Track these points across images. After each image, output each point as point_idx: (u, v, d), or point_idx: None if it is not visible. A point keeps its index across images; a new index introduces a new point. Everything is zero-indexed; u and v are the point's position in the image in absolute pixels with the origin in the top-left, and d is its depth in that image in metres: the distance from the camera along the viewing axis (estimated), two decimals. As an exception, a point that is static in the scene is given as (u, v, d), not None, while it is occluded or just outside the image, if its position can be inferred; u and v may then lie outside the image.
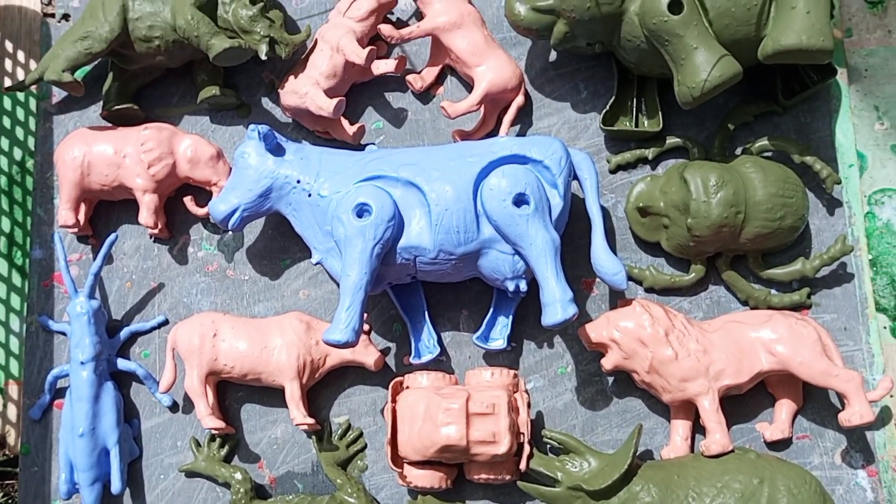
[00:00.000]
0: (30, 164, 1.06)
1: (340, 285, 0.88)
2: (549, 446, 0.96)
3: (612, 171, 1.03)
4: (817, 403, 0.96)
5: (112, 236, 0.97)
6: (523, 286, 0.92)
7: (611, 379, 0.98)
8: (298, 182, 0.94)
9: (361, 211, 0.89)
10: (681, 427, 0.95)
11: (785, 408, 0.95)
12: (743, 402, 0.96)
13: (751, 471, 0.87)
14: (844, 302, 0.99)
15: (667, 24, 0.89)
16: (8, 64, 1.10)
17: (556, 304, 0.86)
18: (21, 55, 1.10)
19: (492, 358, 0.99)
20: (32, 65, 1.10)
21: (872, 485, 0.94)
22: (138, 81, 1.05)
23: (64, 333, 1.00)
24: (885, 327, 1.01)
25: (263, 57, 0.96)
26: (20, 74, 1.10)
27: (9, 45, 1.10)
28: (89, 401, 0.92)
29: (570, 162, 0.93)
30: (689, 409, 0.94)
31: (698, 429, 0.95)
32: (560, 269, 0.88)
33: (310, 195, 0.93)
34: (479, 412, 0.88)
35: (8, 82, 1.09)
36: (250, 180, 0.94)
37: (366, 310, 0.89)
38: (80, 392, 0.93)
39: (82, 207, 1.00)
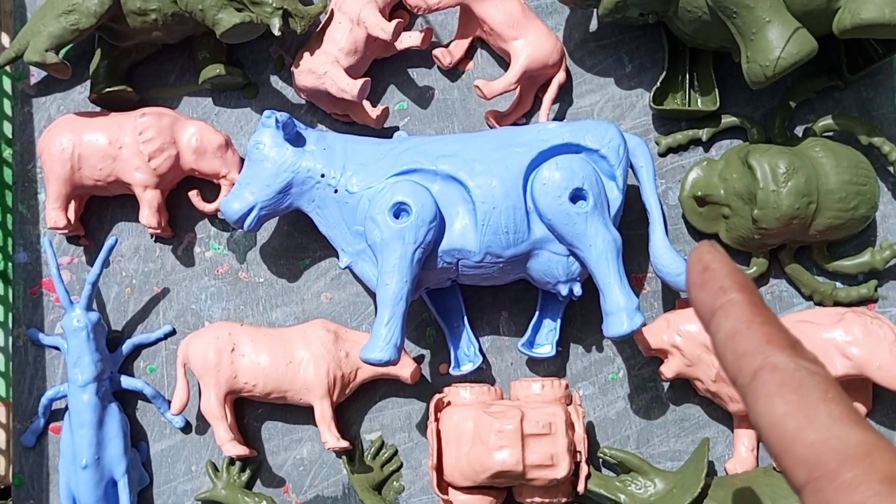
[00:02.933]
0: (7, 153, 0.94)
1: (378, 295, 0.78)
2: (601, 461, 0.88)
3: (662, 154, 0.94)
4: (886, 405, 0.89)
5: (111, 240, 0.85)
6: (578, 290, 0.83)
7: (666, 384, 0.90)
8: (322, 176, 0.83)
9: (399, 211, 0.79)
10: (746, 438, 0.87)
11: (854, 412, 0.88)
12: (809, 407, 0.88)
13: (830, 488, 0.80)
14: (913, 295, 0.92)
15: (737, -6, 0.80)
16: (-25, 39, 0.97)
17: (622, 313, 0.77)
18: (-10, 28, 0.97)
19: (536, 364, 0.90)
20: (5, 40, 0.97)
21: (949, 493, 0.87)
22: (130, 59, 0.92)
23: (57, 348, 0.88)
24: (954, 321, 0.94)
25: (277, 32, 0.84)
26: (-10, 51, 0.96)
27: (-25, 17, 0.97)
28: (92, 427, 0.82)
29: (627, 150, 0.83)
30: (755, 418, 0.87)
31: (763, 437, 0.87)
32: (623, 272, 0.79)
33: (336, 191, 0.83)
34: (535, 433, 0.79)
35: (-24, 60, 0.96)
36: (267, 174, 0.83)
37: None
38: (82, 418, 0.82)
39: (72, 205, 0.88)
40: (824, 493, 0.39)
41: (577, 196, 0.79)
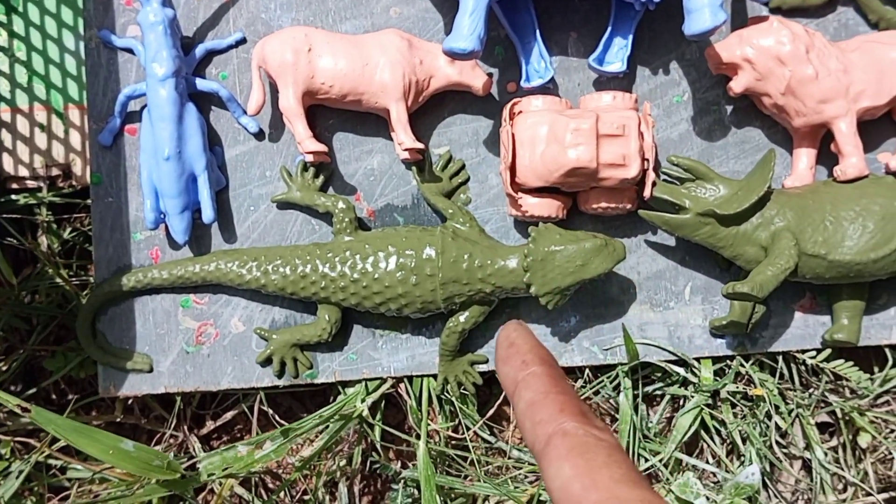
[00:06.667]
0: None
1: (461, -14, 0.78)
2: (662, 178, 0.91)
3: None
4: (942, 134, 0.92)
5: (186, -68, 0.84)
6: (657, -4, 0.83)
7: (729, 108, 0.92)
8: None
9: None
10: (805, 156, 0.89)
11: (911, 137, 0.91)
12: (864, 131, 0.90)
13: (890, 193, 0.83)
14: (978, 27, 0.92)
15: None
16: None
17: (705, 8, 0.77)
18: None
19: (603, 85, 0.91)
20: None
21: None
22: None
23: (130, 51, 0.89)
24: None
25: None
26: None
27: None
28: (173, 121, 0.83)
29: None
30: (816, 137, 0.89)
31: (820, 159, 0.90)
32: (708, -31, 0.79)
33: None
34: (609, 133, 0.81)
35: None
36: None
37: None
38: (162, 111, 0.83)
39: None
40: None
41: None
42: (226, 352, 0.90)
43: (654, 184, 0.85)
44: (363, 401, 0.88)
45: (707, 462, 0.92)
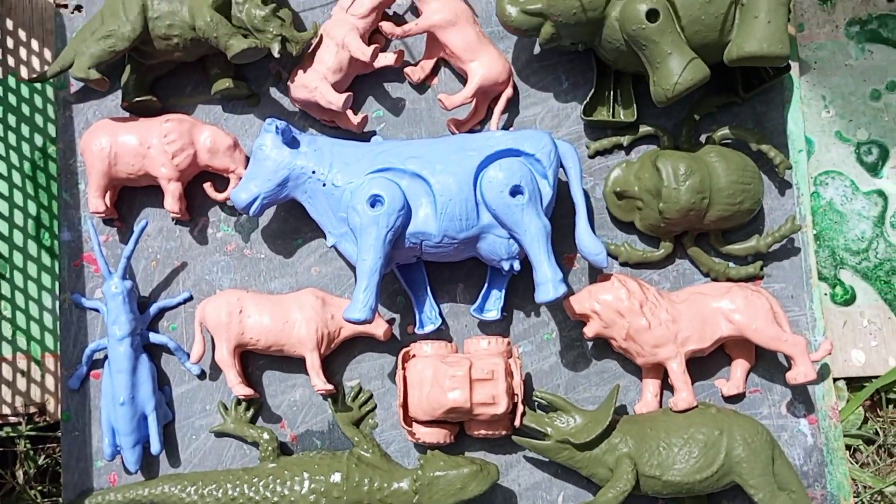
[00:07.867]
0: (52, 150, 1.13)
1: (357, 268, 0.99)
2: (536, 404, 1.09)
3: (591, 157, 1.15)
4: (767, 362, 1.11)
5: (143, 223, 1.06)
6: (517, 266, 1.04)
7: (590, 344, 1.11)
8: (313, 172, 1.03)
9: (374, 201, 0.99)
10: (651, 385, 1.09)
11: (740, 367, 1.10)
12: (703, 363, 1.10)
13: (712, 423, 1.02)
14: (791, 273, 1.13)
15: (644, 31, 1.00)
16: (23, 52, 1.16)
17: (549, 283, 0.98)
18: (35, 44, 1.16)
19: (486, 326, 1.12)
20: (47, 54, 1.16)
21: (812, 431, 1.09)
22: (154, 73, 1.12)
23: (96, 310, 1.09)
24: (825, 294, 1.15)
25: (276, 55, 1.04)
26: (35, 63, 1.16)
27: (22, 34, 1.16)
28: (128, 372, 1.02)
29: (557, 154, 1.04)
30: (659, 370, 1.08)
31: (666, 386, 1.09)
32: (551, 252, 1.00)
33: (324, 185, 1.03)
34: (481, 378, 1.01)
35: (24, 71, 1.15)
36: (268, 171, 1.04)
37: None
38: (119, 365, 1.02)
39: (108, 194, 1.08)
40: None
41: (515, 191, 0.99)
42: (169, 562, 1.06)
43: (523, 413, 1.04)
44: None
45: None
